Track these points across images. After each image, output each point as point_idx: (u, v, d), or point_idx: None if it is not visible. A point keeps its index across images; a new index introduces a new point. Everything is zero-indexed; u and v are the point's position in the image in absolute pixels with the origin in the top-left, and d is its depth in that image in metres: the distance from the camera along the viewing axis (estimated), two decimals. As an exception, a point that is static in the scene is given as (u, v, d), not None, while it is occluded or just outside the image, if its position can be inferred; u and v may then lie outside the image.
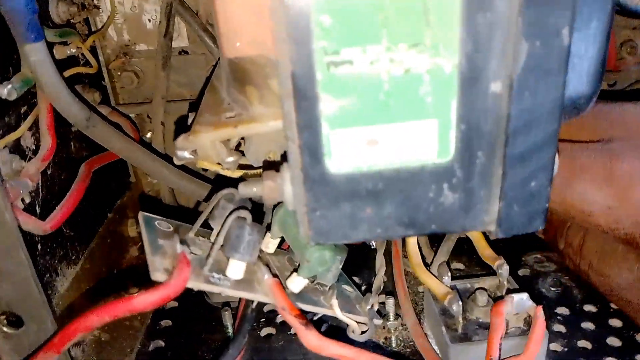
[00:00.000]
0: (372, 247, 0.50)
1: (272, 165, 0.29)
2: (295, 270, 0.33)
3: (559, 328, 0.38)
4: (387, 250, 0.46)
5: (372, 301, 0.38)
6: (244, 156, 0.32)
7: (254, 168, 0.33)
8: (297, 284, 0.33)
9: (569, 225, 0.41)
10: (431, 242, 0.44)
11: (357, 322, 0.35)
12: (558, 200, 0.32)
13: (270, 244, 0.36)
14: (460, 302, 0.35)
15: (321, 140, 0.24)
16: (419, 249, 0.48)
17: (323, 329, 0.40)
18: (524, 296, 0.34)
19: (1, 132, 0.35)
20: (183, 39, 0.50)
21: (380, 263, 0.42)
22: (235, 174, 0.33)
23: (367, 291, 0.40)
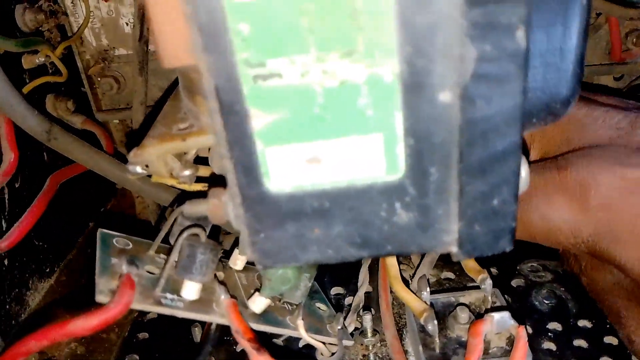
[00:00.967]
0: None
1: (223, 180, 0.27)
2: (258, 290, 0.32)
3: (549, 345, 0.35)
4: (375, 260, 0.43)
5: (350, 320, 0.36)
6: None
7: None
8: (259, 304, 0.31)
9: None
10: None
11: (327, 343, 0.33)
12: (519, 222, 0.30)
13: (239, 260, 0.34)
14: (435, 322, 0.32)
15: (256, 158, 0.22)
16: (409, 259, 0.46)
17: (300, 345, 0.38)
18: (505, 315, 0.32)
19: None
20: (161, 42, 0.49)
21: (363, 278, 0.40)
22: (193, 188, 0.31)
23: (349, 306, 0.38)
